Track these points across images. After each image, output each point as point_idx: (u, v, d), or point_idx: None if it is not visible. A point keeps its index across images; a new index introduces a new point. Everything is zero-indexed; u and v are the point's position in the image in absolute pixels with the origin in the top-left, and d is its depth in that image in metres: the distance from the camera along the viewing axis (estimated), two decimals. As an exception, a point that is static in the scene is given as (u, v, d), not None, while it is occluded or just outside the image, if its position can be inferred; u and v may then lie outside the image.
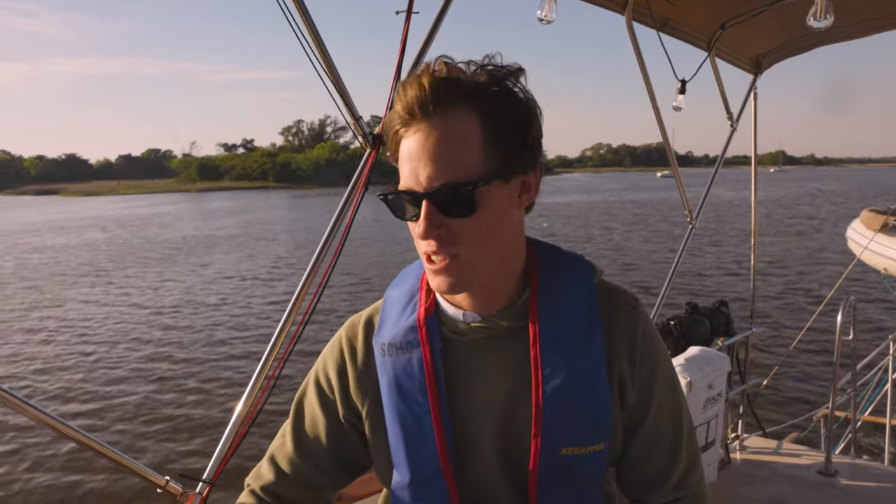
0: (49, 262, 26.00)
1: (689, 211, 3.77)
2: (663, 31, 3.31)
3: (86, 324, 14.67)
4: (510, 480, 1.14)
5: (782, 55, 3.98)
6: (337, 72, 1.84)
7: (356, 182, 1.93)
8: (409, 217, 1.02)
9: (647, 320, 1.16)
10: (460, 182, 0.97)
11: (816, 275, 17.72)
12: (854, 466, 3.58)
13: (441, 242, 1.00)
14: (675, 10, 3.22)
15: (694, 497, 1.21)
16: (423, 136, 0.98)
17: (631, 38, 3.17)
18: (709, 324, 3.68)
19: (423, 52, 2.00)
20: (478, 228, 1.01)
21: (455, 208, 0.99)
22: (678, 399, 1.21)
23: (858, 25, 3.54)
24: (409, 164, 1.00)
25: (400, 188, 1.02)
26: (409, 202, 1.01)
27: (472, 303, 1.11)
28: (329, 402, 1.22)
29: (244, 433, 1.78)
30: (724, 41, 3.62)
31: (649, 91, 3.39)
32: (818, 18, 2.62)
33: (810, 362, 9.58)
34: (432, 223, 0.99)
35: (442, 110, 0.98)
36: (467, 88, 0.99)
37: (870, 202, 7.66)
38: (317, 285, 1.83)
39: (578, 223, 36.99)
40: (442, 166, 0.97)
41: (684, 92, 3.55)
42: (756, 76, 4.05)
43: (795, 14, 2.96)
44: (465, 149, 0.98)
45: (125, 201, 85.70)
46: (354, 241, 22.24)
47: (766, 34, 3.78)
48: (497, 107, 1.00)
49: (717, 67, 3.71)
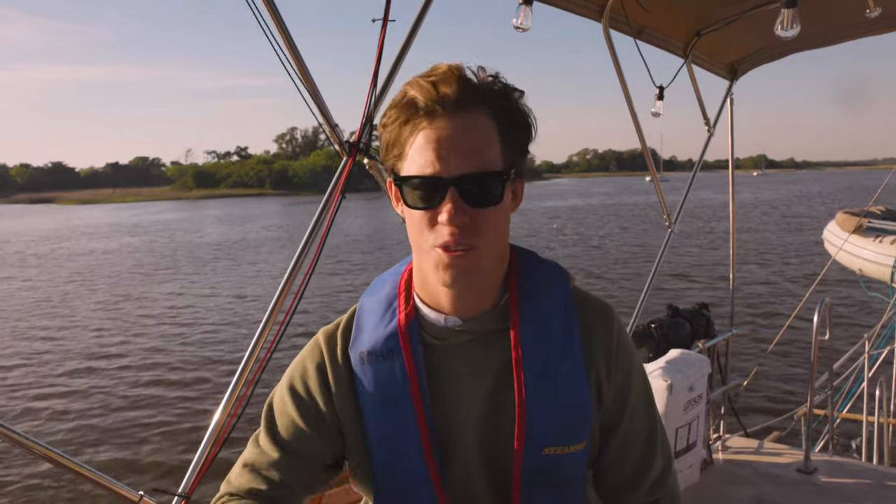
0: (103, 264, 26.98)
1: (667, 215, 3.82)
2: (640, 38, 3.36)
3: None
4: (494, 481, 1.15)
5: (757, 62, 4.06)
6: (312, 80, 1.84)
7: (333, 189, 1.91)
8: (426, 205, 1.02)
9: (621, 327, 1.19)
10: (491, 171, 1.01)
11: (794, 276, 17.95)
12: (832, 464, 3.64)
13: (463, 232, 1.01)
14: (651, 17, 3.27)
15: (670, 499, 1.23)
16: (452, 127, 1.01)
17: (608, 45, 3.21)
18: (689, 326, 3.72)
19: (399, 59, 2.00)
20: (498, 221, 1.05)
21: (482, 198, 1.01)
22: (651, 404, 1.23)
23: (827, 34, 3.64)
24: (432, 152, 1.01)
25: (419, 174, 1.02)
26: (430, 189, 1.01)
27: (456, 306, 1.12)
28: (306, 408, 1.17)
29: (220, 446, 1.74)
30: (699, 48, 3.68)
31: (626, 97, 3.44)
32: (785, 28, 2.70)
33: (789, 362, 9.69)
34: (459, 210, 1.00)
35: (469, 109, 1.02)
36: (487, 95, 1.03)
37: (860, 202, 7.78)
38: (293, 294, 1.80)
39: (591, 223, 38.40)
40: (471, 156, 1.00)
41: (662, 98, 3.61)
42: (732, 82, 4.12)
43: (768, 22, 3.02)
44: (489, 145, 1.02)
45: (128, 209, 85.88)
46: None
47: (741, 41, 3.85)
48: (508, 115, 1.05)
49: (693, 74, 3.77)
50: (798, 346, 9.84)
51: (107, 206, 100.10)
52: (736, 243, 4.86)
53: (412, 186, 1.03)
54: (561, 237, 30.77)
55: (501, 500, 1.16)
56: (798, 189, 79.86)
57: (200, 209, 78.53)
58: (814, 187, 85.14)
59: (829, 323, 3.80)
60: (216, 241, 35.53)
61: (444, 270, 1.04)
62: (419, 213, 1.04)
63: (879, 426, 4.68)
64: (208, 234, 41.95)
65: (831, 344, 3.92)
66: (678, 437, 3.05)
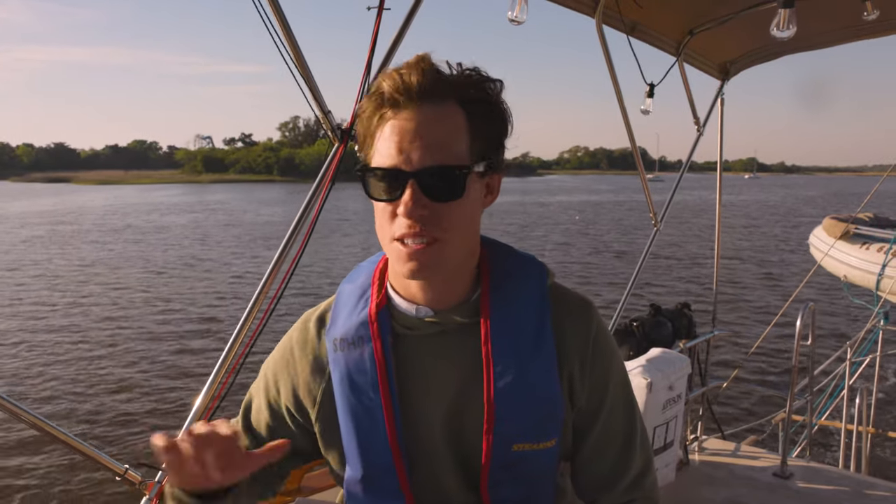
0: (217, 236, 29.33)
1: (653, 214, 3.81)
2: (633, 35, 3.34)
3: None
4: (461, 475, 1.14)
5: (749, 62, 4.04)
6: (307, 65, 1.85)
7: (323, 176, 1.94)
8: (387, 197, 1.01)
9: (601, 324, 1.17)
10: (453, 165, 0.99)
11: (779, 280, 18.06)
12: (808, 469, 3.65)
13: (422, 225, 1.00)
14: (645, 14, 3.25)
15: (647, 499, 1.22)
16: (416, 118, 0.99)
17: (600, 41, 3.19)
18: (671, 326, 3.70)
19: (393, 47, 2.00)
20: (460, 215, 1.02)
21: (443, 191, 1.00)
22: (631, 403, 1.22)
23: (822, 36, 3.61)
24: (395, 143, 0.99)
25: (382, 165, 1.01)
26: (391, 181, 1.00)
27: (428, 297, 1.11)
28: (279, 395, 1.21)
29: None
30: (692, 47, 3.66)
31: (617, 93, 3.42)
32: (781, 28, 2.67)
33: (770, 366, 9.76)
34: (417, 203, 0.98)
35: (436, 100, 1.00)
36: (457, 86, 1.02)
37: (852, 208, 7.83)
38: (280, 279, 1.83)
39: (613, 217, 39.46)
40: (434, 149, 0.98)
41: (653, 95, 3.59)
42: (723, 82, 4.10)
43: (762, 22, 3.00)
44: (454, 138, 1.00)
45: (151, 190, 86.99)
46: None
47: (734, 41, 3.83)
48: (480, 108, 1.03)
49: (685, 72, 3.75)
50: (779, 351, 9.92)
51: (130, 187, 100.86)
52: (722, 245, 4.86)
53: (374, 178, 1.02)
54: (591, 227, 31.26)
55: (470, 491, 1.15)
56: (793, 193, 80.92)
57: (219, 192, 79.63)
58: (807, 191, 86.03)
59: (813, 328, 3.80)
60: (289, 220, 36.71)
61: (403, 263, 1.03)
62: (382, 204, 1.03)
63: (858, 434, 4.70)
64: (270, 213, 42.81)
65: (813, 349, 3.92)
66: (656, 435, 3.04)
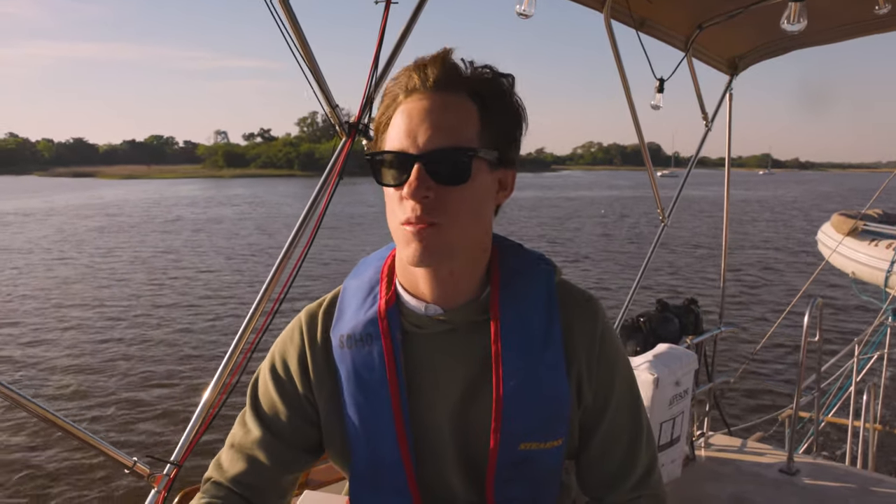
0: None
1: (661, 209, 3.79)
2: (641, 31, 3.32)
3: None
4: (468, 472, 1.14)
5: (758, 57, 4.01)
6: (315, 59, 1.84)
7: (331, 171, 1.93)
8: (395, 182, 1.02)
9: (607, 323, 1.17)
10: (460, 147, 0.99)
11: (787, 277, 18.00)
12: (815, 466, 3.64)
13: (425, 208, 0.99)
14: (654, 9, 3.23)
15: (653, 497, 1.22)
16: (428, 103, 1.00)
17: (609, 36, 3.18)
18: (678, 322, 3.70)
19: (401, 41, 1.99)
20: (464, 200, 1.02)
21: (448, 174, 0.99)
22: (637, 401, 1.22)
23: (833, 31, 3.58)
24: (406, 126, 1.00)
25: (391, 149, 1.02)
26: (399, 165, 1.00)
27: (436, 294, 1.10)
28: (285, 388, 1.20)
29: (213, 416, 1.79)
30: (700, 42, 3.64)
31: (626, 89, 3.41)
32: (791, 22, 2.65)
33: (777, 362, 9.73)
34: (421, 185, 0.98)
35: (449, 90, 1.01)
36: (471, 79, 1.03)
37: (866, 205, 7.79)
38: (288, 273, 1.83)
39: (640, 210, 39.98)
40: (443, 133, 0.99)
41: (662, 91, 3.57)
42: (732, 77, 4.08)
43: (771, 17, 2.98)
44: (464, 124, 1.01)
45: (177, 184, 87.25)
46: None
47: (743, 36, 3.80)
48: (492, 100, 1.04)
49: (693, 68, 3.73)
50: (786, 347, 9.89)
51: (157, 182, 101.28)
52: (730, 241, 4.84)
53: (383, 163, 1.02)
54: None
55: (476, 490, 1.15)
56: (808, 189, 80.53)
57: (252, 186, 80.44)
58: (822, 187, 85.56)
59: (820, 324, 3.78)
60: (344, 212, 37.50)
61: (407, 246, 1.02)
62: (391, 190, 1.03)
63: (865, 431, 4.68)
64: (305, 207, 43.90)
65: (821, 346, 3.90)
66: (662, 431, 3.04)
